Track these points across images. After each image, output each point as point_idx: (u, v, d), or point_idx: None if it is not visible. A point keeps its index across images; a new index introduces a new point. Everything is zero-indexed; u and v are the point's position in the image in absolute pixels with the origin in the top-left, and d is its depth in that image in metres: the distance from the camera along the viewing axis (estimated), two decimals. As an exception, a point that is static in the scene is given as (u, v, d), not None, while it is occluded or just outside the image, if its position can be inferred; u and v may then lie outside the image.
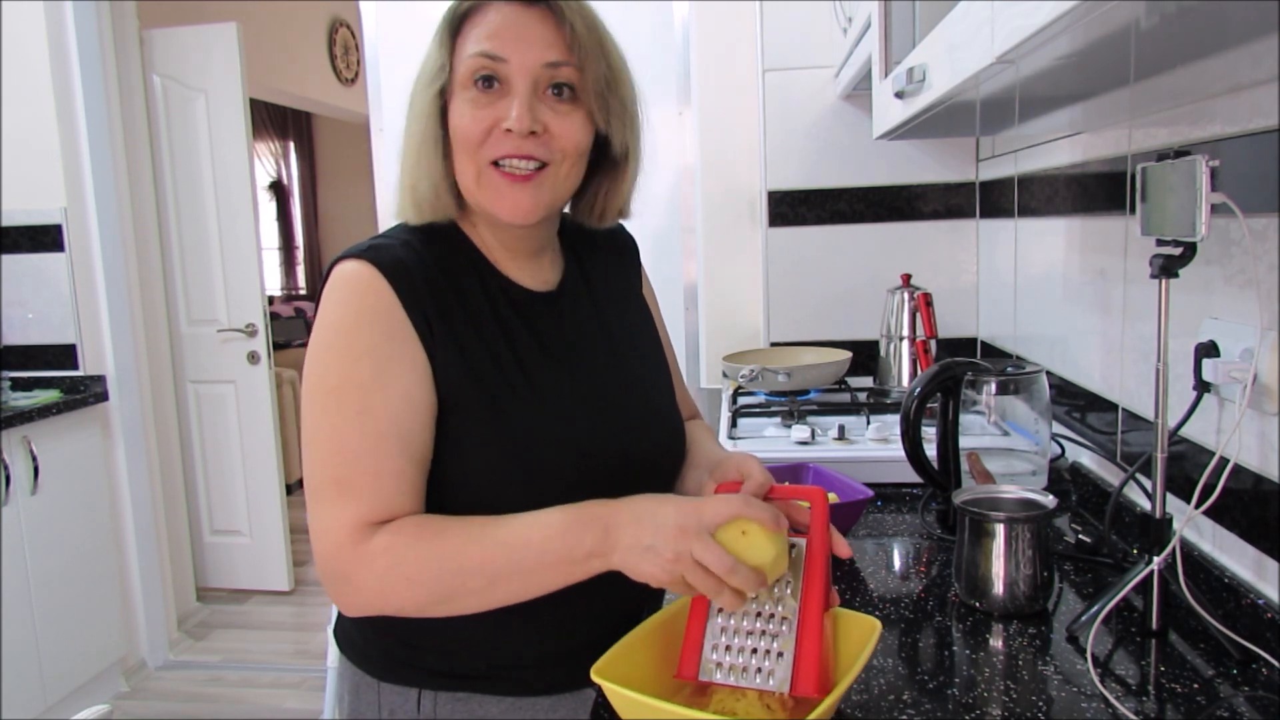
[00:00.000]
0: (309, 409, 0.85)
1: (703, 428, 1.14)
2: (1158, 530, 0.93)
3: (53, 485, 2.66)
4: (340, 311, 0.85)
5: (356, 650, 0.98)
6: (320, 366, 0.85)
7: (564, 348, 0.95)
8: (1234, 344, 0.94)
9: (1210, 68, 0.85)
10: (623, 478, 0.93)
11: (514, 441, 0.87)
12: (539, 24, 0.86)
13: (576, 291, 1.00)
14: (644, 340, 1.07)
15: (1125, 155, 1.24)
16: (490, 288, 0.92)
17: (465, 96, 0.87)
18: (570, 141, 0.88)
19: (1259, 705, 0.79)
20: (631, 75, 0.94)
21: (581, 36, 0.86)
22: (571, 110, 0.88)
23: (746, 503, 0.75)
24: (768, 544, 0.73)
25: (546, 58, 0.86)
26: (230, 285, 3.46)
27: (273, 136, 7.10)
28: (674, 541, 0.73)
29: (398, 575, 0.79)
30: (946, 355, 1.61)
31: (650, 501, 0.78)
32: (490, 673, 0.92)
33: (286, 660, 3.12)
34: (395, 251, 0.88)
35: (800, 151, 2.16)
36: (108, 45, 2.99)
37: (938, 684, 0.85)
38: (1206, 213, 0.82)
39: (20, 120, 2.77)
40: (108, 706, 1.29)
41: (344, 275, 0.86)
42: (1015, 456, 1.37)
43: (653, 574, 0.74)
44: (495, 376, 0.88)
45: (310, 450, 0.85)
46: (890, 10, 1.35)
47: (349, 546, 0.80)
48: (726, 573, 0.72)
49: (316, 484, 0.83)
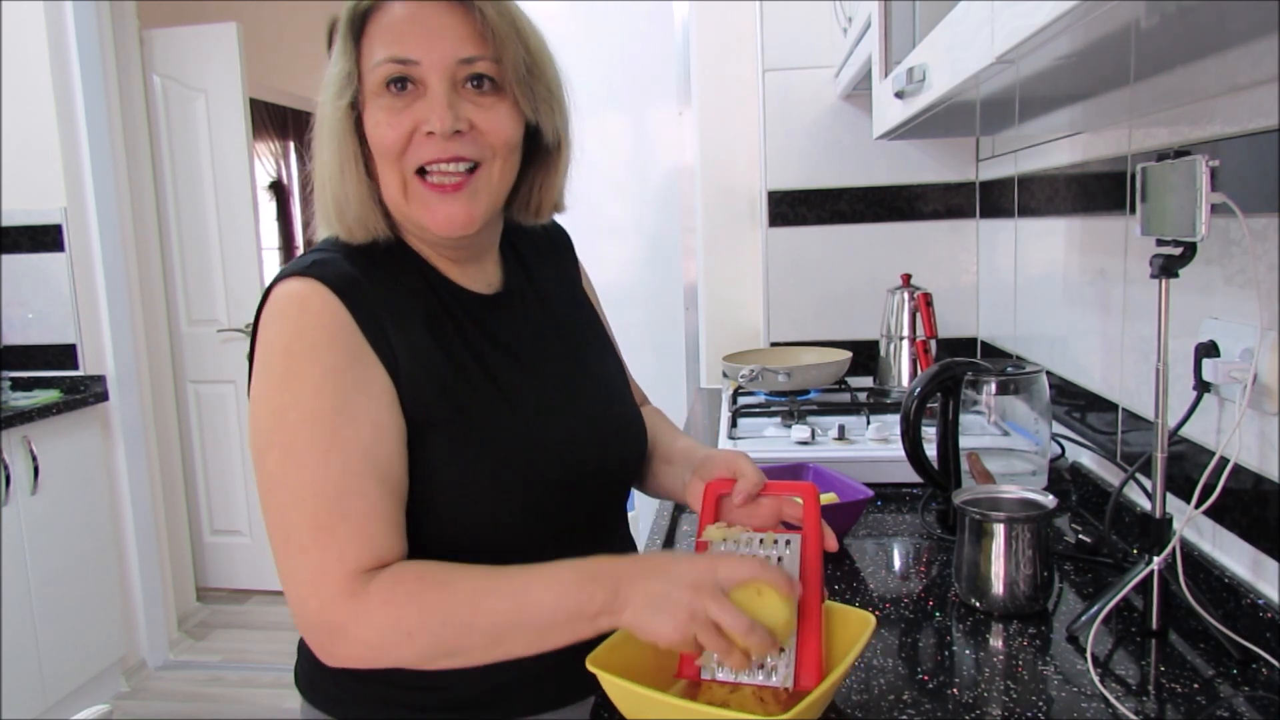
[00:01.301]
0: (268, 450, 0.77)
1: (660, 416, 1.11)
2: (1158, 530, 0.93)
3: (53, 485, 2.66)
4: (290, 337, 0.78)
5: (329, 699, 0.90)
6: (274, 402, 0.77)
7: (522, 349, 0.91)
8: (1234, 344, 0.94)
9: (1210, 68, 0.85)
10: (592, 475, 0.91)
11: (487, 448, 0.83)
12: (446, 15, 0.80)
13: (522, 291, 0.96)
14: (593, 334, 1.03)
15: (1125, 155, 1.24)
16: (440, 293, 0.88)
17: (379, 104, 0.81)
18: (499, 136, 0.83)
19: (1259, 705, 0.79)
20: (554, 58, 0.88)
21: (494, 23, 0.80)
22: (496, 102, 0.83)
23: (764, 565, 0.72)
24: (782, 607, 0.71)
25: (460, 53, 0.80)
26: (230, 285, 3.46)
27: (273, 136, 7.09)
28: (688, 600, 0.69)
29: (398, 630, 0.74)
30: (946, 355, 1.61)
31: (662, 558, 0.75)
32: (489, 699, 0.87)
33: (286, 660, 3.10)
34: (341, 265, 0.81)
35: (800, 151, 2.16)
36: (108, 45, 2.99)
37: (938, 684, 0.85)
38: (1206, 213, 0.82)
39: (20, 120, 2.77)
40: (108, 706, 1.29)
41: (289, 296, 0.79)
42: (1015, 456, 1.37)
43: (664, 632, 0.70)
44: (461, 386, 0.84)
45: (276, 498, 0.77)
46: (890, 10, 1.35)
47: (342, 599, 0.74)
48: (743, 633, 0.68)
49: (292, 532, 0.76)
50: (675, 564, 0.73)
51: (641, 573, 0.72)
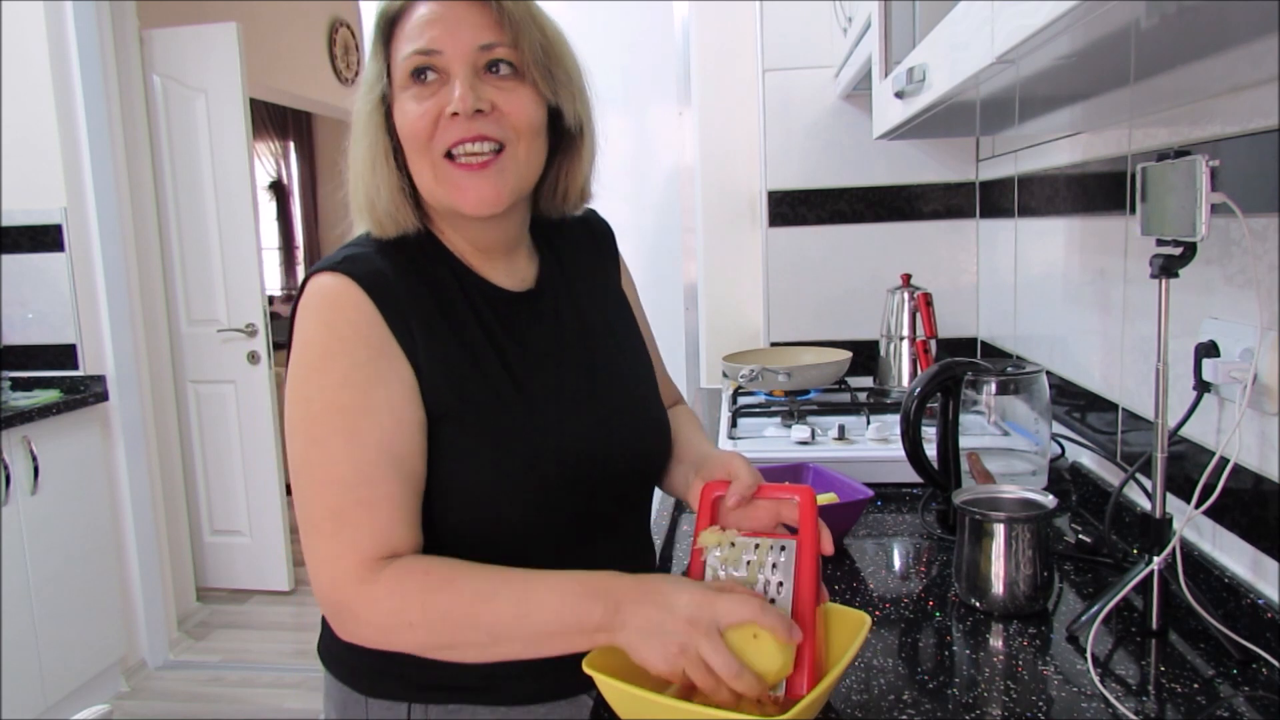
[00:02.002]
0: (295, 437, 0.82)
1: (687, 415, 1.12)
2: (1158, 530, 0.93)
3: (53, 485, 2.66)
4: (319, 330, 0.83)
5: (344, 667, 0.95)
6: (303, 391, 0.82)
7: (547, 348, 0.93)
8: (1234, 344, 0.94)
9: (1210, 68, 0.85)
10: (611, 476, 0.92)
11: (503, 447, 0.85)
12: (466, 10, 0.85)
13: (555, 288, 0.98)
14: (625, 334, 1.04)
15: (1125, 155, 1.24)
16: (469, 290, 0.90)
17: (406, 95, 0.86)
18: (521, 116, 0.86)
19: (1259, 705, 0.79)
20: (572, 48, 0.92)
21: (510, 12, 0.85)
22: (516, 85, 0.86)
23: (763, 609, 0.71)
24: (777, 653, 0.71)
25: (479, 40, 0.84)
26: (230, 285, 3.46)
27: (273, 136, 7.10)
28: (682, 634, 0.70)
29: (401, 620, 0.77)
30: (946, 355, 1.61)
31: (666, 585, 0.75)
32: (483, 684, 0.90)
33: (286, 660, 3.12)
34: (372, 261, 0.85)
35: (800, 151, 2.16)
36: (108, 45, 2.99)
37: (938, 684, 0.85)
38: (1206, 213, 0.82)
39: (20, 120, 2.77)
40: (108, 706, 1.29)
41: (321, 290, 0.84)
42: (1015, 456, 1.37)
43: (654, 662, 0.71)
44: (481, 383, 0.86)
45: (300, 480, 0.82)
46: (890, 10, 1.35)
47: (352, 584, 0.78)
48: (731, 677, 0.68)
49: (311, 516, 0.81)
50: (677, 594, 0.73)
51: (642, 596, 0.73)
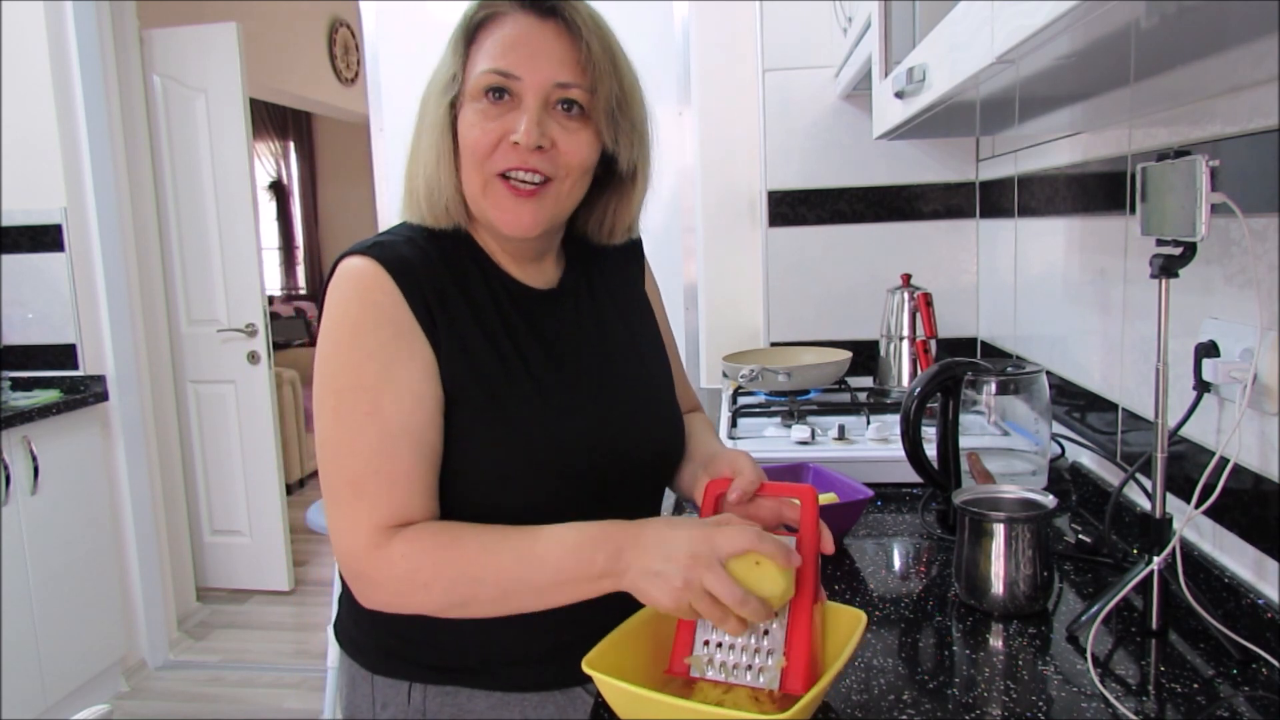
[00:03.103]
0: (320, 411, 0.86)
1: (702, 421, 1.14)
2: (1158, 530, 0.93)
3: (53, 485, 2.66)
4: (345, 310, 0.86)
5: (353, 644, 0.99)
6: (329, 367, 0.86)
7: (564, 344, 0.95)
8: (1234, 344, 0.94)
9: (1210, 68, 0.85)
10: (622, 472, 0.94)
11: (515, 435, 0.88)
12: (554, 40, 0.86)
13: (577, 290, 1.01)
14: (644, 337, 1.07)
15: (1125, 155, 1.24)
16: (493, 284, 0.93)
17: (475, 108, 0.87)
18: (576, 158, 0.89)
19: (1259, 705, 0.79)
20: (643, 94, 0.95)
21: (596, 56, 0.86)
22: (580, 128, 0.89)
23: (760, 537, 0.74)
24: (779, 577, 0.73)
25: (559, 77, 0.86)
26: (230, 285, 3.46)
27: (273, 136, 7.10)
28: (685, 569, 0.73)
29: (414, 581, 0.81)
30: (946, 355, 1.61)
31: (664, 526, 0.78)
32: (480, 667, 0.93)
33: (286, 660, 3.12)
34: (400, 248, 0.89)
35: (800, 151, 2.16)
36: (108, 45, 2.99)
37: (938, 684, 0.85)
38: (1206, 213, 0.82)
39: (20, 120, 2.77)
40: (108, 706, 1.29)
41: (349, 272, 0.87)
42: (1015, 456, 1.37)
43: (661, 599, 0.74)
44: (497, 370, 0.89)
45: (324, 452, 0.86)
46: (890, 10, 1.35)
47: (367, 551, 0.82)
48: (736, 604, 0.71)
49: (332, 486, 0.85)
50: (676, 532, 0.76)
51: (642, 539, 0.77)
